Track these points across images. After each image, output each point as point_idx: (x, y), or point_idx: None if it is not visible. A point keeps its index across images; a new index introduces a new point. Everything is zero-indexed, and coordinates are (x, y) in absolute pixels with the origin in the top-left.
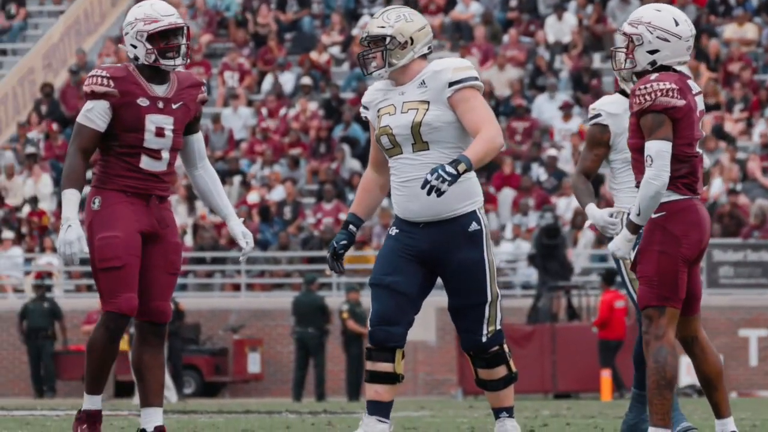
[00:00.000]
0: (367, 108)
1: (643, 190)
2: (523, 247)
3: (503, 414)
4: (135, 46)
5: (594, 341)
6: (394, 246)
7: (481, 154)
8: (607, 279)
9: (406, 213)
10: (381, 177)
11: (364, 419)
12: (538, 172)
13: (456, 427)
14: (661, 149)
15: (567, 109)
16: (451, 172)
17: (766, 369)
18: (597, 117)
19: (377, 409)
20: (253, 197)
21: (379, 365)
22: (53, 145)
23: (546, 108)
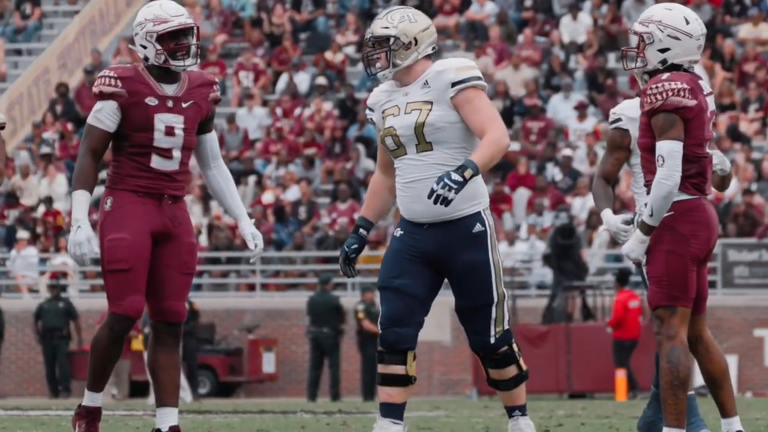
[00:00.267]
0: (372, 110)
1: (655, 190)
2: (538, 247)
3: (516, 412)
4: (145, 47)
5: (609, 341)
6: (399, 247)
7: (487, 157)
8: (621, 279)
9: (411, 214)
10: (389, 179)
11: (378, 422)
12: (553, 172)
13: (471, 427)
14: (672, 149)
15: (582, 108)
16: (457, 180)
17: None
18: (617, 121)
19: (391, 411)
20: (267, 197)
21: (391, 368)
22: (68, 145)
23: (561, 108)
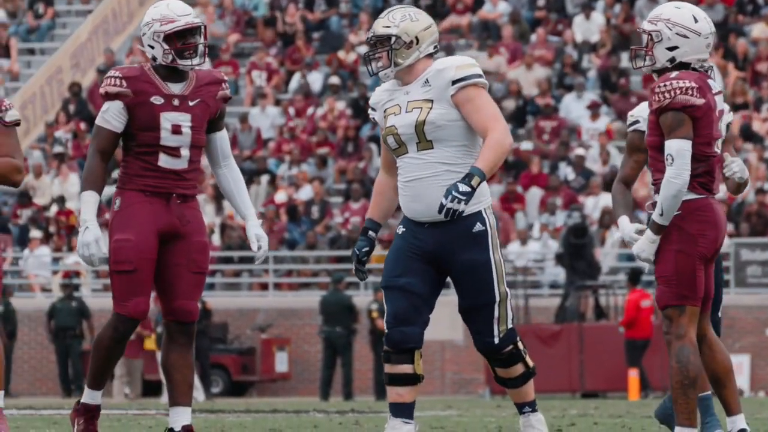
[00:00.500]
0: (374, 109)
1: (664, 189)
2: (551, 246)
3: (526, 409)
4: (152, 47)
5: (621, 341)
6: (402, 246)
7: (492, 162)
8: (633, 278)
9: (411, 212)
10: (393, 179)
11: (390, 422)
12: (566, 172)
13: (483, 426)
14: (681, 148)
15: (595, 108)
16: (465, 191)
17: None
18: (635, 124)
19: (401, 411)
20: (280, 197)
21: (398, 367)
22: (81, 145)
23: (574, 107)
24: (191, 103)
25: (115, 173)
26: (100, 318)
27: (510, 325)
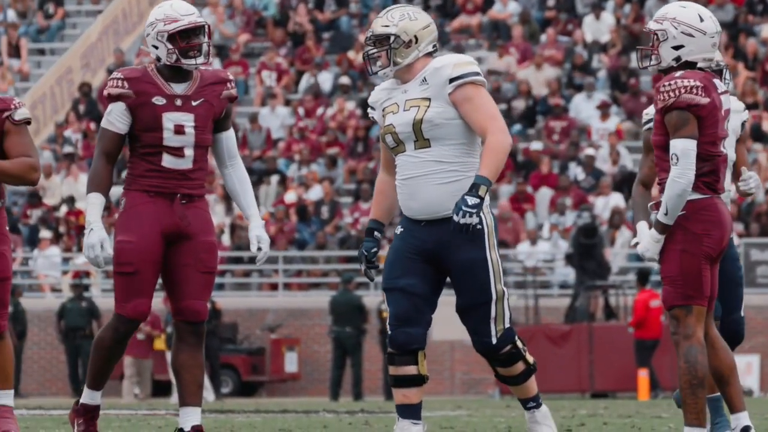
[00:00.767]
0: (373, 108)
1: (669, 189)
2: (561, 246)
3: (530, 404)
4: (156, 47)
5: (631, 341)
6: (400, 246)
7: (494, 167)
8: (642, 279)
9: (408, 210)
10: (393, 178)
11: (399, 423)
12: (576, 172)
13: (493, 426)
14: (686, 147)
15: (605, 108)
16: (474, 204)
17: None
18: (650, 122)
19: (408, 412)
20: (290, 197)
21: (403, 369)
22: (91, 145)
23: (583, 107)
24: (194, 103)
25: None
26: (110, 318)
27: (507, 325)
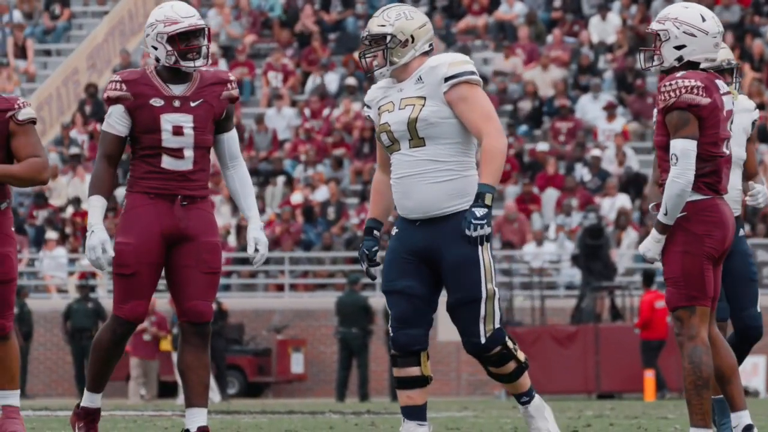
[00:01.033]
0: (369, 107)
1: (668, 189)
2: (567, 247)
3: (524, 398)
4: (156, 48)
5: (637, 341)
6: (396, 248)
7: (495, 172)
8: (647, 279)
9: (403, 210)
10: (389, 177)
11: (404, 425)
12: (582, 173)
13: (499, 427)
14: (686, 147)
15: (611, 109)
16: (482, 214)
17: None
18: None
19: (413, 413)
20: (296, 197)
21: (406, 370)
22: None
23: (590, 108)
24: (193, 104)
25: None
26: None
27: (497, 325)
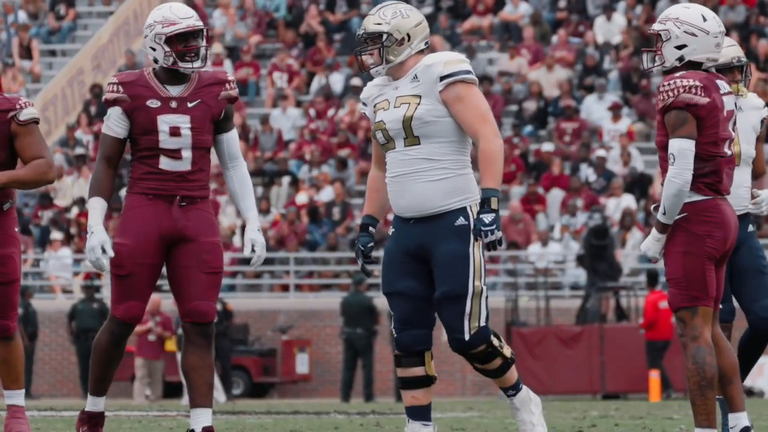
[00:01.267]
0: (365, 104)
1: (665, 189)
2: (572, 247)
3: (510, 392)
4: (154, 49)
5: (642, 342)
6: (393, 248)
7: (496, 174)
8: (651, 280)
9: (397, 208)
10: (384, 174)
11: (409, 425)
12: (587, 173)
13: (504, 428)
14: (683, 147)
15: (616, 109)
16: (490, 220)
17: None
18: None
19: (418, 413)
20: (301, 198)
21: (410, 370)
22: None
23: (595, 108)
24: (190, 105)
25: None
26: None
27: (483, 324)
